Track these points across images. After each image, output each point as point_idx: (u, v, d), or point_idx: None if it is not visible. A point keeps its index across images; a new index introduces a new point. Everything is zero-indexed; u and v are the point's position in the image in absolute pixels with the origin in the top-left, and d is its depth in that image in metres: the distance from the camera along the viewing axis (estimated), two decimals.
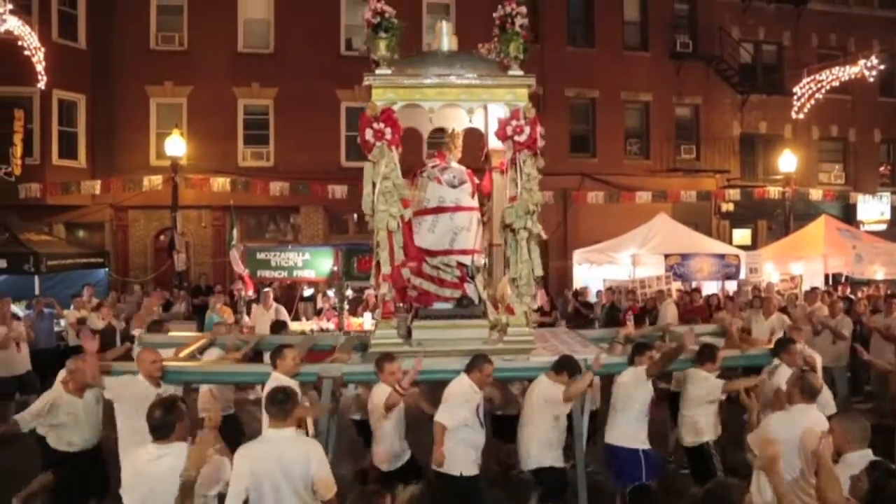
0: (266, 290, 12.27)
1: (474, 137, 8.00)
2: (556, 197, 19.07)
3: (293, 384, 5.51)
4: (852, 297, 12.78)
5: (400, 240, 6.43)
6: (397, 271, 6.38)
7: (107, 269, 16.51)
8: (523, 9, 6.48)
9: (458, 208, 6.86)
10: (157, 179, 16.83)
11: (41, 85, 15.41)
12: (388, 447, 5.61)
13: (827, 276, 14.97)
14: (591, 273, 15.98)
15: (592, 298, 14.33)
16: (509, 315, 6.54)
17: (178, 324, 10.90)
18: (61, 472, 5.55)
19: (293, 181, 16.90)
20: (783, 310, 11.20)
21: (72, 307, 11.76)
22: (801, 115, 19.55)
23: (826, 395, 6.14)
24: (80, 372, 5.67)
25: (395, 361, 5.59)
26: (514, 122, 6.40)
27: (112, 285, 16.23)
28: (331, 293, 13.29)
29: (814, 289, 12.13)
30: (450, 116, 7.09)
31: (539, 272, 6.53)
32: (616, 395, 5.98)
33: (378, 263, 6.41)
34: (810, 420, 4.61)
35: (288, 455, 3.90)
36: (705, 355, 6.05)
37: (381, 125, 6.29)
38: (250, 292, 13.12)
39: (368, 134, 6.30)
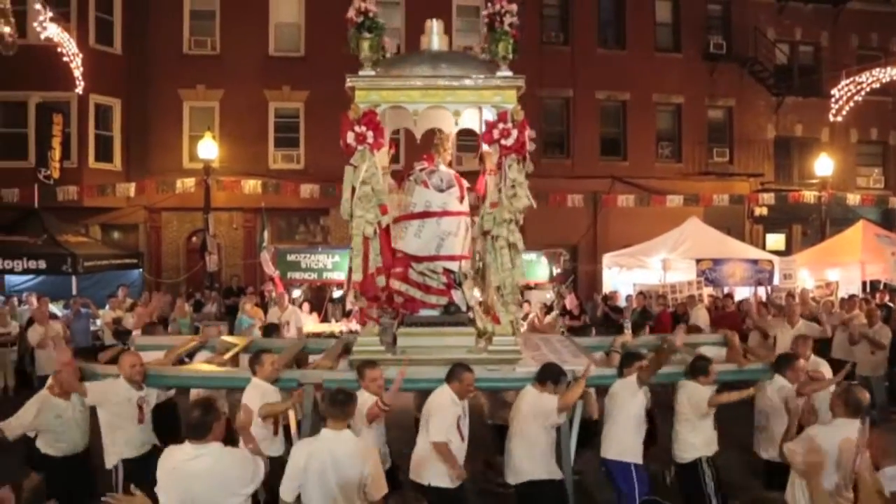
0: (281, 291, 12.32)
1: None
2: (585, 200, 18.96)
3: (273, 390, 5.53)
4: (891, 304, 12.46)
5: (377, 247, 6.20)
6: (371, 279, 6.16)
7: (141, 270, 16.80)
8: (514, 7, 6.21)
9: (445, 213, 6.58)
10: (189, 182, 17.10)
11: (79, 90, 15.77)
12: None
13: (864, 283, 14.59)
14: (621, 277, 15.83)
15: (622, 303, 14.19)
16: (495, 324, 6.31)
17: (210, 324, 11.01)
18: (50, 476, 5.31)
19: (323, 183, 17.01)
20: (814, 318, 10.99)
21: (107, 307, 12.00)
22: (840, 118, 19.11)
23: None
24: (64, 374, 5.65)
25: (377, 368, 5.42)
26: (501, 125, 6.14)
27: (146, 286, 16.52)
28: None
29: (851, 296, 11.83)
30: (439, 118, 6.77)
31: (521, 281, 6.34)
32: (609, 407, 5.78)
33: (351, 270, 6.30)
34: (852, 435, 4.50)
35: (341, 454, 3.95)
36: (697, 368, 5.77)
37: (363, 128, 6.06)
38: (267, 292, 13.28)
39: (350, 137, 6.08)
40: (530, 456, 5.46)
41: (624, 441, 5.65)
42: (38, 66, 15.49)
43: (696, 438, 5.76)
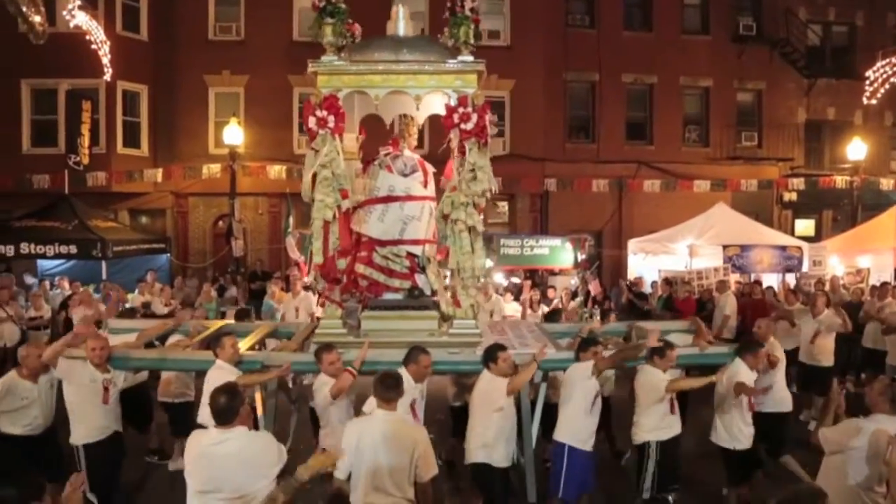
0: (294, 277, 12.36)
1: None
2: (611, 185, 18.79)
3: (236, 372, 5.59)
4: None
5: (337, 230, 6.27)
6: (331, 262, 6.26)
7: (168, 255, 17.04)
8: None
9: (408, 198, 6.59)
10: (215, 167, 17.24)
11: (107, 77, 15.96)
12: (334, 435, 5.20)
13: None
14: (647, 263, 15.69)
15: (647, 289, 14.07)
16: (456, 307, 6.37)
17: (234, 309, 11.15)
18: (13, 453, 5.66)
19: None
20: (846, 305, 10.79)
21: (136, 291, 12.21)
22: (874, 101, 18.63)
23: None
24: (31, 357, 5.80)
25: (333, 352, 5.52)
26: (461, 110, 6.11)
27: (173, 270, 16.77)
28: None
29: (884, 283, 11.60)
30: (406, 104, 6.70)
31: (482, 265, 6.48)
32: (562, 391, 5.87)
33: (311, 253, 6.39)
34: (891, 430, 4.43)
35: (392, 433, 4.02)
36: (656, 351, 5.85)
37: (324, 113, 6.09)
38: (306, 278, 13.35)
39: (311, 122, 6.12)
40: (481, 438, 5.49)
41: (569, 424, 5.69)
42: (68, 53, 15.69)
43: (647, 421, 5.83)
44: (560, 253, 14.17)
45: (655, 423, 5.83)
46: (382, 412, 4.15)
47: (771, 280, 13.92)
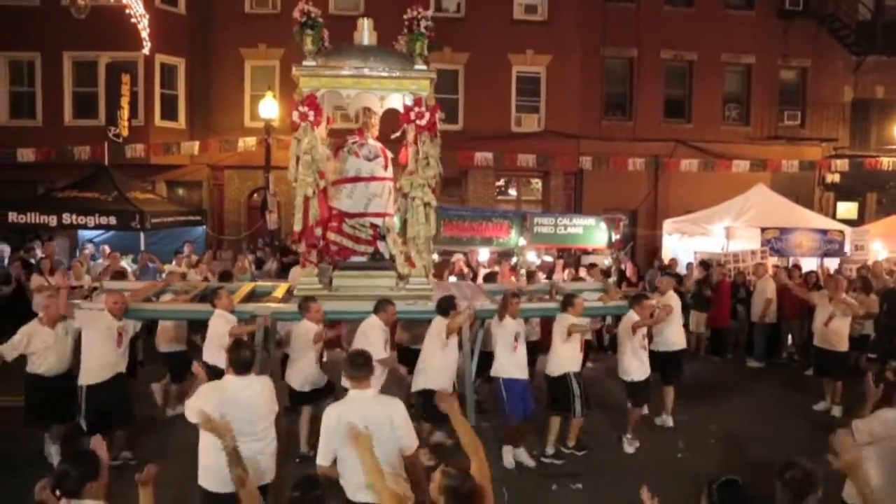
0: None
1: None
2: (647, 164, 18.48)
3: (234, 318, 6.85)
4: None
5: (315, 204, 7.56)
6: (310, 230, 7.59)
7: (204, 227, 17.29)
8: (428, 13, 7.84)
9: (372, 178, 8.00)
10: (250, 140, 17.35)
11: (146, 50, 16.13)
12: (305, 372, 6.89)
13: None
14: (682, 244, 15.45)
15: (682, 270, 13.86)
16: (411, 268, 7.81)
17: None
18: (32, 392, 6.65)
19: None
20: (889, 292, 10.54)
21: (173, 262, 12.43)
22: None
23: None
24: (51, 307, 6.70)
25: (317, 302, 6.87)
26: (416, 109, 7.57)
27: (209, 242, 17.02)
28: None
29: None
30: (368, 99, 8.09)
31: (431, 234, 7.91)
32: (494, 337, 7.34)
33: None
34: None
35: (370, 412, 4.06)
36: (567, 302, 7.32)
37: (306, 108, 7.44)
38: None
39: (295, 115, 7.47)
40: (426, 370, 6.91)
41: (498, 360, 7.14)
42: (108, 26, 15.89)
43: (565, 355, 7.22)
44: (594, 232, 14.01)
45: (572, 358, 7.27)
46: (356, 392, 4.17)
47: (810, 264, 13.61)
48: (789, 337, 12.20)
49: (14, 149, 16.36)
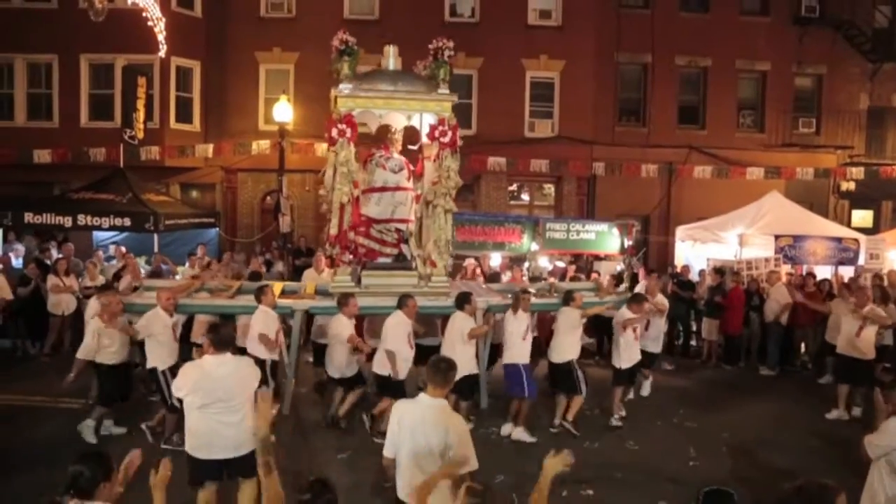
0: (318, 254, 12.42)
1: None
2: (660, 170, 18.42)
3: (275, 316, 7.70)
4: None
5: (349, 211, 8.55)
6: (344, 234, 8.56)
7: (217, 229, 17.39)
8: (451, 43, 8.72)
9: (397, 188, 9.09)
10: (264, 144, 17.45)
11: (161, 53, 16.25)
12: (339, 362, 7.81)
13: None
14: (695, 251, 15.37)
15: (694, 277, 13.77)
16: (432, 267, 8.79)
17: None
18: (106, 380, 7.57)
19: None
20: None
21: (186, 265, 12.50)
22: None
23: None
24: (111, 304, 7.37)
25: (354, 298, 7.79)
26: (440, 128, 8.61)
27: (222, 245, 17.11)
28: None
29: None
30: (392, 118, 9.29)
31: (450, 237, 8.94)
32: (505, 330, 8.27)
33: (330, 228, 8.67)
34: None
35: (430, 418, 4.08)
36: (568, 297, 8.31)
37: (344, 126, 8.42)
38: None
39: (334, 132, 8.44)
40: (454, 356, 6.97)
41: (514, 349, 8.04)
42: (125, 29, 16.02)
43: (569, 345, 8.20)
44: (606, 238, 13.99)
45: (575, 347, 8.28)
46: (427, 397, 4.17)
47: (824, 273, 13.50)
48: (802, 345, 12.10)
49: (31, 150, 16.54)
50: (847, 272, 13.60)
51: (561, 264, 13.88)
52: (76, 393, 8.41)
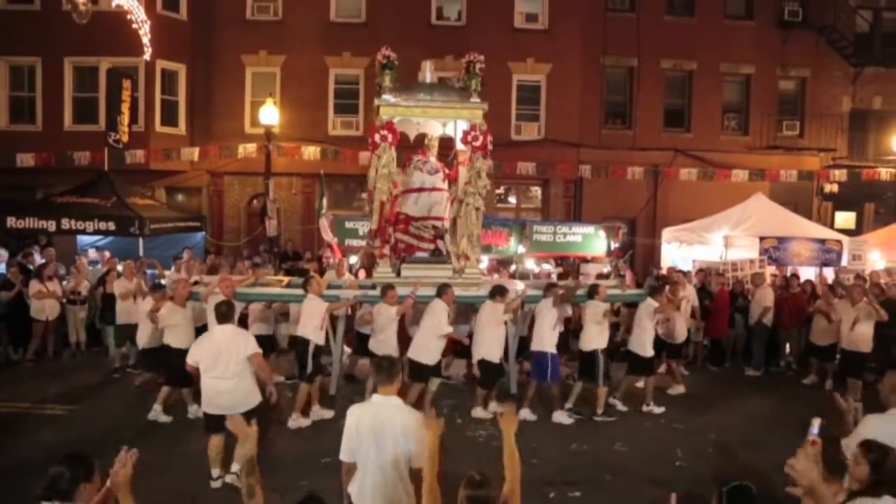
0: (340, 258, 12.57)
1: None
2: (646, 173, 18.54)
3: (323, 303, 8.41)
4: None
5: (388, 207, 9.60)
6: (384, 228, 9.65)
7: (203, 233, 17.28)
8: (482, 56, 9.82)
9: (434, 189, 10.09)
10: (251, 147, 17.41)
11: (146, 56, 16.16)
12: (387, 346, 8.41)
13: None
14: (681, 253, 15.47)
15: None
16: (466, 261, 9.80)
17: (259, 265, 11.76)
18: (171, 361, 7.94)
19: None
20: (887, 301, 10.54)
21: (172, 269, 12.41)
22: None
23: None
24: (179, 287, 8.37)
25: (395, 289, 8.58)
26: (472, 133, 9.53)
27: (207, 248, 17.00)
28: None
29: None
30: (430, 126, 10.36)
31: (479, 232, 9.96)
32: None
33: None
34: None
35: (387, 418, 4.09)
36: (592, 291, 8.95)
37: (386, 132, 9.44)
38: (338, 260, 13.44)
39: (377, 137, 9.45)
40: (484, 343, 8.68)
41: (542, 337, 8.64)
42: (109, 32, 15.97)
43: (595, 335, 8.76)
44: (593, 240, 14.04)
45: (602, 338, 8.80)
46: (380, 397, 4.20)
47: (808, 274, 13.63)
48: (787, 346, 12.20)
49: (14, 154, 16.38)
50: (831, 273, 13.74)
51: (548, 267, 13.91)
52: (59, 399, 8.34)
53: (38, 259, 12.64)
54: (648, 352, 9.20)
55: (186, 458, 6.95)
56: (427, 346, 8.37)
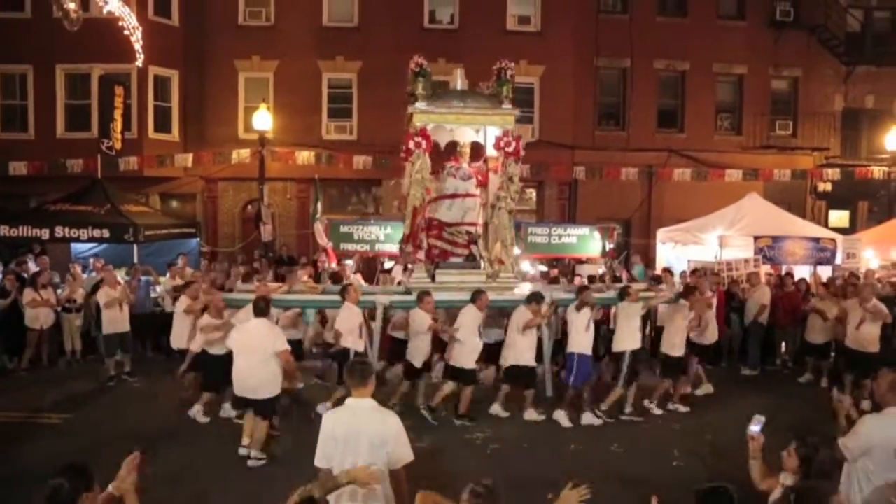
0: (346, 262, 12.63)
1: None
2: (640, 173, 18.56)
3: (359, 311, 8.52)
4: None
5: (421, 213, 9.70)
6: (416, 233, 9.75)
7: (198, 239, 17.23)
8: (512, 63, 10.19)
9: (467, 195, 10.24)
10: (244, 152, 17.35)
11: (139, 62, 16.10)
12: (422, 352, 8.70)
13: None
14: (675, 253, 15.49)
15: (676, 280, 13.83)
16: (500, 265, 9.87)
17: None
18: (212, 368, 8.17)
19: (376, 155, 17.08)
20: (881, 299, 10.59)
21: (167, 276, 12.38)
22: None
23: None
24: (215, 300, 8.50)
25: (431, 295, 8.64)
26: (504, 139, 9.72)
27: (202, 254, 16.95)
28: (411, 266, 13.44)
29: None
30: (462, 133, 10.49)
31: (513, 235, 10.21)
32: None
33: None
34: None
35: (364, 423, 4.06)
36: (623, 292, 9.05)
37: (420, 139, 9.60)
38: (333, 264, 13.45)
39: (411, 144, 9.63)
40: (514, 348, 8.72)
41: (574, 340, 8.71)
42: (101, 39, 15.89)
43: (627, 336, 8.89)
44: (588, 242, 14.07)
45: (633, 338, 8.94)
46: (354, 400, 4.17)
47: (803, 272, 13.67)
48: (783, 344, 12.23)
49: (6, 162, 16.32)
50: (826, 272, 13.78)
51: (543, 269, 13.92)
52: (55, 408, 8.30)
53: (33, 267, 12.59)
54: (679, 352, 9.27)
55: (187, 468, 6.92)
56: (460, 350, 8.55)
